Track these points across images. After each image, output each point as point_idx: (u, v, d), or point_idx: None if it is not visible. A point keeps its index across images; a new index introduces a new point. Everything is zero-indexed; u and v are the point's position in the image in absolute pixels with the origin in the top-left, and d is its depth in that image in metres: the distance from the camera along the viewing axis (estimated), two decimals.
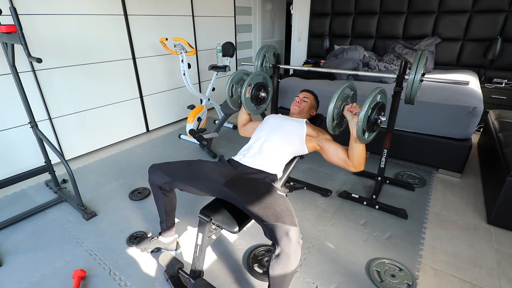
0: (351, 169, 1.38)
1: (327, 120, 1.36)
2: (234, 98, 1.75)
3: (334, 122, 1.39)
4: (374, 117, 1.30)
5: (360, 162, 1.35)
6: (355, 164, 1.36)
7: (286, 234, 1.00)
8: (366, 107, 1.25)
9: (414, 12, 3.43)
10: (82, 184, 2.18)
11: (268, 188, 1.19)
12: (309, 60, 4.31)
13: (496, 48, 2.94)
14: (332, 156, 1.43)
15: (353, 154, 1.35)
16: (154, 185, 1.35)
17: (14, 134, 2.22)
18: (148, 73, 3.10)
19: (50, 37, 2.25)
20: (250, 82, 1.65)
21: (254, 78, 1.68)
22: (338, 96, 1.33)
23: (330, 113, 1.34)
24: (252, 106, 1.73)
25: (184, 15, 3.33)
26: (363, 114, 1.25)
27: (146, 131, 3.27)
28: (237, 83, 1.75)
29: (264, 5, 5.02)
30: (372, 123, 1.31)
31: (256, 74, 1.69)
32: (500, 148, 1.92)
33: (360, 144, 1.33)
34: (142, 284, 1.37)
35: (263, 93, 1.74)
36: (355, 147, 1.34)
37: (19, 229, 1.74)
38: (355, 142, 1.33)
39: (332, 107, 1.33)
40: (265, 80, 1.75)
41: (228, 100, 1.74)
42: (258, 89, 1.71)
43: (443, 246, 1.60)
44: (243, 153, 1.44)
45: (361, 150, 1.34)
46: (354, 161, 1.35)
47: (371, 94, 1.28)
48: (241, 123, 1.79)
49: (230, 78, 1.70)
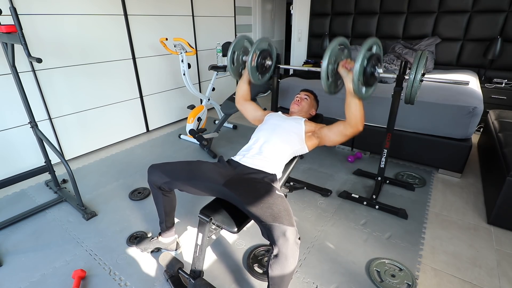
0: (349, 131, 1.34)
1: (322, 79, 1.29)
2: (235, 66, 1.66)
3: (329, 81, 1.32)
4: (371, 70, 1.24)
5: (357, 120, 1.31)
6: (352, 123, 1.32)
7: (283, 235, 1.00)
8: (361, 58, 1.18)
9: (414, 12, 3.43)
10: (82, 184, 2.18)
11: (267, 188, 1.19)
12: (309, 60, 4.31)
13: (496, 48, 2.94)
14: (331, 135, 1.41)
15: (349, 112, 1.30)
16: (153, 185, 1.35)
17: (14, 134, 2.22)
18: (148, 73, 3.10)
19: (50, 37, 2.25)
20: (256, 49, 1.55)
21: (260, 44, 1.57)
22: (331, 51, 1.26)
23: (324, 70, 1.27)
24: (257, 75, 1.65)
25: (184, 15, 3.33)
26: (359, 65, 1.19)
27: (146, 131, 3.27)
28: (239, 50, 1.65)
29: (264, 5, 5.02)
30: (368, 75, 1.25)
31: (262, 40, 1.59)
32: (500, 148, 1.92)
33: (357, 100, 1.29)
34: (142, 284, 1.37)
35: (268, 61, 1.65)
36: (351, 103, 1.29)
37: (19, 229, 1.74)
38: (352, 97, 1.28)
39: (326, 64, 1.26)
40: (270, 47, 1.66)
41: (229, 68, 1.65)
42: (264, 57, 1.61)
43: (443, 246, 1.60)
44: (243, 153, 1.44)
45: (358, 106, 1.29)
46: (351, 119, 1.31)
47: (365, 44, 1.21)
48: (240, 93, 1.74)
49: (232, 44, 1.60)
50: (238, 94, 1.76)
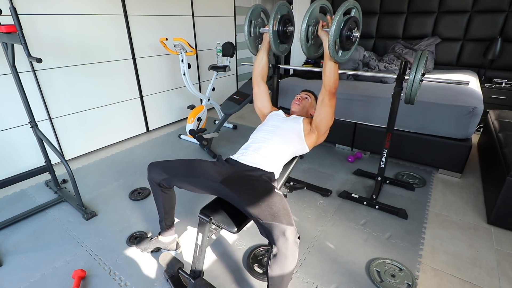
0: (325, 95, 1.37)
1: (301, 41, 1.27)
2: (252, 37, 1.58)
3: (309, 43, 1.32)
4: (347, 33, 1.23)
5: (330, 81, 1.34)
6: (326, 85, 1.36)
7: (283, 234, 0.99)
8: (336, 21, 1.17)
9: (414, 12, 3.43)
10: (82, 184, 2.18)
11: (265, 187, 1.19)
12: (309, 60, 4.31)
13: (496, 48, 2.94)
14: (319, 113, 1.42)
15: (325, 74, 1.34)
16: (153, 182, 1.36)
17: (14, 134, 2.22)
18: (148, 73, 3.10)
19: (50, 37, 2.25)
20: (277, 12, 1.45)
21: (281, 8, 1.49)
22: (311, 13, 1.25)
23: (303, 32, 1.25)
24: (278, 43, 1.55)
25: (184, 15, 3.33)
26: (334, 28, 1.18)
27: (146, 131, 3.27)
28: (256, 20, 1.57)
29: (264, 5, 5.02)
30: (344, 38, 1.24)
31: (281, 4, 1.51)
32: (500, 148, 1.92)
33: (333, 63, 1.32)
34: (142, 284, 1.37)
35: (290, 28, 1.54)
36: (327, 65, 1.33)
37: (19, 229, 1.74)
38: (329, 60, 1.32)
39: (305, 25, 1.24)
40: (290, 13, 1.56)
41: (246, 40, 1.55)
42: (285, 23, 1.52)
43: (443, 246, 1.60)
44: (241, 152, 1.44)
45: (332, 69, 1.33)
46: (325, 81, 1.35)
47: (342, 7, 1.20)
48: (259, 69, 1.64)
49: (248, 13, 1.52)
50: (256, 70, 1.65)
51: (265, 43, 1.61)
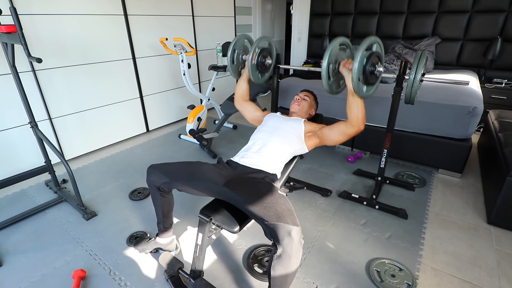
0: (351, 130, 1.33)
1: (322, 78, 1.29)
2: (235, 65, 1.67)
3: (330, 80, 1.32)
4: (370, 68, 1.23)
5: (359, 119, 1.30)
6: (354, 122, 1.31)
7: (289, 234, 0.99)
8: (359, 57, 1.18)
9: (414, 12, 3.43)
10: (82, 184, 2.18)
11: (268, 188, 1.19)
12: (309, 60, 4.31)
13: (496, 48, 2.94)
14: (333, 135, 1.40)
15: (351, 111, 1.30)
16: (152, 186, 1.35)
17: (14, 134, 2.22)
18: (148, 73, 3.10)
19: (50, 37, 2.25)
20: (256, 47, 1.55)
21: (260, 43, 1.58)
22: (331, 50, 1.26)
23: (324, 70, 1.27)
24: (257, 74, 1.65)
25: (184, 15, 3.33)
26: (357, 64, 1.19)
27: (146, 131, 3.27)
28: (239, 49, 1.66)
29: (264, 5, 5.02)
30: (368, 74, 1.24)
31: (262, 38, 1.60)
32: (500, 148, 1.92)
33: (359, 100, 1.29)
34: (142, 284, 1.37)
35: (268, 60, 1.65)
36: (353, 104, 1.29)
37: (19, 229, 1.74)
38: (353, 96, 1.29)
39: (326, 64, 1.26)
40: (270, 46, 1.67)
41: (229, 67, 1.65)
42: (264, 56, 1.62)
43: (443, 246, 1.60)
44: (242, 154, 1.44)
45: (359, 106, 1.29)
46: (353, 119, 1.31)
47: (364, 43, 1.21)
48: (239, 92, 1.74)
49: (232, 43, 1.61)
50: (237, 93, 1.75)
51: (246, 72, 1.68)
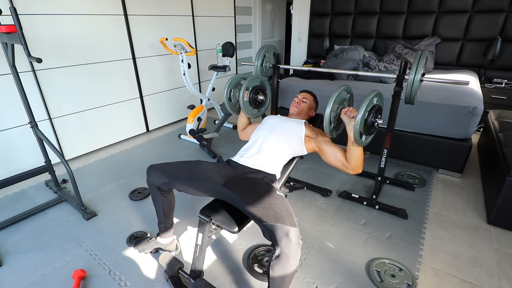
0: (349, 171, 1.39)
1: (324, 124, 1.36)
2: (232, 103, 1.76)
3: (331, 126, 1.40)
4: (371, 120, 1.32)
5: (358, 164, 1.36)
6: (353, 167, 1.36)
7: (286, 235, 0.99)
8: (363, 111, 1.26)
9: (414, 12, 3.43)
10: (82, 184, 2.18)
11: (267, 189, 1.18)
12: (309, 60, 4.32)
13: (496, 48, 2.94)
14: (331, 158, 1.43)
15: (351, 157, 1.35)
16: (152, 186, 1.35)
17: (14, 134, 2.22)
18: (148, 73, 3.10)
19: (50, 37, 2.25)
20: (247, 86, 1.65)
21: (251, 81, 1.68)
22: (334, 99, 1.34)
23: (327, 117, 1.34)
24: (251, 110, 1.74)
25: (184, 15, 3.33)
26: (360, 117, 1.26)
27: (146, 131, 3.27)
28: (235, 88, 1.74)
29: (264, 5, 5.02)
30: (369, 126, 1.33)
31: (253, 78, 1.69)
32: (500, 148, 1.92)
33: (358, 147, 1.33)
34: (142, 284, 1.37)
35: (261, 96, 1.74)
36: (352, 150, 1.34)
37: (19, 229, 1.74)
38: (353, 145, 1.33)
39: (329, 111, 1.34)
40: (262, 84, 1.75)
41: (226, 104, 1.74)
42: (256, 93, 1.71)
43: (443, 246, 1.60)
44: (242, 153, 1.44)
45: (358, 153, 1.34)
46: (352, 163, 1.36)
47: (367, 98, 1.29)
48: (241, 127, 1.79)
49: (227, 83, 1.70)
50: (239, 128, 1.80)
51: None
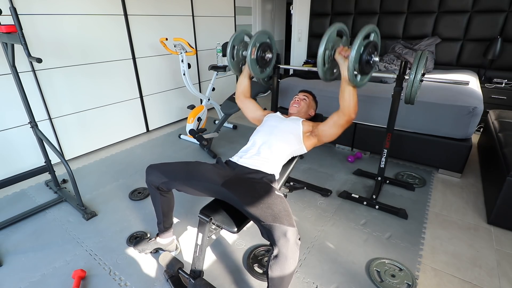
0: (342, 119, 1.33)
1: (318, 65, 1.28)
2: (235, 61, 1.65)
3: (325, 67, 1.31)
4: (367, 57, 1.23)
5: (350, 107, 1.30)
6: (345, 111, 1.31)
7: (284, 235, 0.99)
8: (357, 45, 1.17)
9: (414, 12, 3.43)
10: (82, 184, 2.18)
11: (266, 189, 1.18)
12: (309, 60, 4.31)
13: (496, 48, 2.94)
14: (327, 129, 1.40)
15: (343, 99, 1.30)
16: (151, 186, 1.35)
17: (14, 134, 2.22)
18: (148, 73, 3.10)
19: (50, 37, 2.25)
20: (255, 42, 1.53)
21: (259, 37, 1.55)
22: (328, 37, 1.24)
23: (320, 56, 1.25)
24: (257, 69, 1.63)
25: (184, 15, 3.33)
26: (354, 53, 1.18)
27: (146, 131, 3.27)
28: (239, 44, 1.63)
29: (264, 5, 5.02)
30: (364, 63, 1.24)
31: (260, 33, 1.57)
32: (500, 148, 1.92)
33: (351, 87, 1.29)
34: (142, 284, 1.37)
35: (268, 54, 1.63)
36: (345, 91, 1.29)
37: (19, 229, 1.74)
38: (347, 85, 1.29)
39: (322, 50, 1.24)
40: (270, 40, 1.64)
41: (229, 63, 1.63)
42: (264, 50, 1.59)
43: (443, 246, 1.60)
44: (241, 154, 1.44)
45: (351, 94, 1.29)
46: (344, 107, 1.31)
47: (362, 31, 1.20)
48: (241, 89, 1.71)
49: (231, 38, 1.58)
50: (238, 90, 1.73)
51: (246, 68, 1.66)
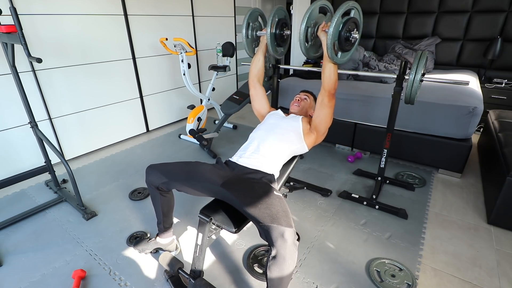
0: (325, 97, 1.37)
1: (300, 43, 1.27)
2: (249, 40, 1.63)
3: (308, 44, 1.31)
4: (346, 34, 1.23)
5: (330, 83, 1.35)
6: (326, 87, 1.36)
7: (282, 236, 0.99)
8: (334, 22, 1.16)
9: (414, 12, 3.43)
10: (82, 184, 2.18)
11: (265, 189, 1.18)
12: (309, 60, 4.31)
13: (496, 48, 2.94)
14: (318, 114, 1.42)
15: (324, 76, 1.34)
16: (151, 186, 1.35)
17: (14, 134, 2.22)
18: (148, 73, 3.10)
19: (50, 37, 2.25)
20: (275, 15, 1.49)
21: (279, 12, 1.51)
22: (310, 13, 1.23)
23: (302, 33, 1.24)
24: (274, 46, 1.60)
25: (184, 15, 3.33)
26: (332, 29, 1.17)
27: (146, 131, 3.27)
28: (254, 22, 1.60)
29: (264, 5, 5.02)
30: (343, 40, 1.24)
31: (279, 8, 1.54)
32: (500, 148, 1.92)
33: (332, 64, 1.32)
34: (142, 284, 1.37)
35: (287, 31, 1.59)
36: (326, 67, 1.33)
37: (19, 229, 1.74)
38: (328, 61, 1.32)
39: (304, 26, 1.23)
40: (287, 18, 1.61)
41: (244, 42, 1.60)
42: (282, 26, 1.56)
43: (443, 246, 1.60)
44: (240, 153, 1.43)
45: (331, 70, 1.34)
46: (324, 82, 1.35)
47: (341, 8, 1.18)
48: (256, 69, 1.66)
49: (246, 16, 1.56)
50: (252, 71, 1.66)
51: (262, 45, 1.63)
